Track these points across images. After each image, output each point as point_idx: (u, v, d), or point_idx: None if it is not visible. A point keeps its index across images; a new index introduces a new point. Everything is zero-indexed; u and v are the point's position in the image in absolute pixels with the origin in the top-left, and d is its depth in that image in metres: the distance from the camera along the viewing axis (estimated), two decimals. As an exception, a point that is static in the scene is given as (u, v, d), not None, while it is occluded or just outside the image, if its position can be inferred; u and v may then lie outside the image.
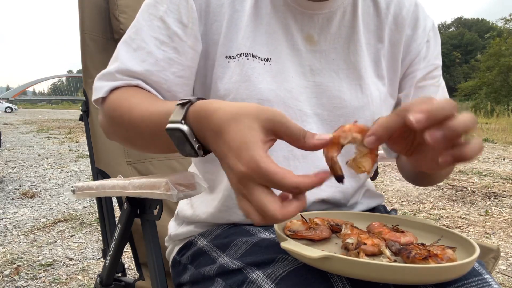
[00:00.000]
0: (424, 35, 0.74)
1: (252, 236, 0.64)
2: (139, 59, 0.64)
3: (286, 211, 0.39)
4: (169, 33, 0.65)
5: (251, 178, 0.39)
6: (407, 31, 0.73)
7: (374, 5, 0.73)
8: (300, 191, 0.40)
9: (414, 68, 0.74)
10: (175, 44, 0.65)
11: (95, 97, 0.65)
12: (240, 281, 0.55)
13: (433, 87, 0.75)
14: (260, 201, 0.39)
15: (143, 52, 0.64)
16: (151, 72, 0.63)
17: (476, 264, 0.54)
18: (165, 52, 0.64)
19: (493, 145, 7.48)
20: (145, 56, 0.64)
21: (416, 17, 0.74)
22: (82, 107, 1.11)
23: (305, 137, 0.42)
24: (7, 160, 5.57)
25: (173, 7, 0.65)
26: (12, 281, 1.93)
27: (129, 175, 1.10)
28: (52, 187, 3.95)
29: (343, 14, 0.70)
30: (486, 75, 27.70)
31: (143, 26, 0.65)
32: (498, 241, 2.49)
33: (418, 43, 0.74)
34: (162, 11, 0.65)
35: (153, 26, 0.65)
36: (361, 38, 0.71)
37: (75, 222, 2.83)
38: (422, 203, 3.36)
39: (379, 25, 0.73)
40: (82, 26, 1.08)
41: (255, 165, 0.38)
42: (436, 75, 0.76)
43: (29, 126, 13.21)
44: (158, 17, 0.65)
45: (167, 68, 0.64)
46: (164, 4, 0.66)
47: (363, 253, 0.49)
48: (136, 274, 1.11)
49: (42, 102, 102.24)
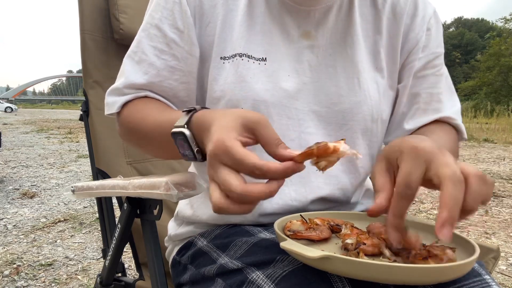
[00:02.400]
0: (423, 23, 0.72)
1: (252, 236, 0.64)
2: (142, 72, 0.67)
3: (248, 188, 0.40)
4: (166, 40, 0.66)
5: (217, 158, 0.42)
6: (405, 20, 0.72)
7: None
8: (262, 174, 0.41)
9: (412, 58, 0.72)
10: (174, 51, 0.66)
11: (109, 112, 0.70)
12: (240, 281, 0.55)
13: (433, 77, 0.73)
14: (223, 177, 0.41)
15: (144, 64, 0.67)
16: (154, 83, 0.67)
17: (476, 264, 0.53)
18: (165, 60, 0.66)
19: (493, 145, 7.48)
20: (147, 68, 0.66)
21: (415, 5, 0.72)
22: (82, 107, 1.11)
23: (278, 146, 0.43)
24: (7, 160, 5.57)
25: (167, 13, 0.66)
26: (12, 281, 1.93)
27: (129, 175, 1.10)
28: (52, 187, 3.95)
29: (339, 7, 0.69)
30: (486, 75, 27.70)
31: (142, 37, 0.67)
32: (498, 241, 2.49)
33: (417, 32, 0.72)
34: (157, 19, 0.66)
35: (150, 35, 0.67)
36: (358, 30, 0.70)
37: (75, 222, 2.83)
38: (422, 203, 3.36)
39: (377, 16, 0.71)
40: (82, 26, 1.08)
41: (221, 143, 0.41)
42: (438, 63, 0.74)
43: (29, 126, 13.21)
44: (154, 25, 0.66)
45: (169, 77, 0.67)
46: (159, 11, 0.66)
47: (363, 253, 0.49)
48: (136, 274, 1.11)
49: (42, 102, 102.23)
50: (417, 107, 0.73)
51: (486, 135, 8.65)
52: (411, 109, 0.74)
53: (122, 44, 1.10)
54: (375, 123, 0.70)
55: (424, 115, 0.73)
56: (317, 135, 0.67)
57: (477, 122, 10.66)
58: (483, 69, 29.15)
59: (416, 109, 0.73)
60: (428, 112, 0.73)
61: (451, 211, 0.40)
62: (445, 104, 0.74)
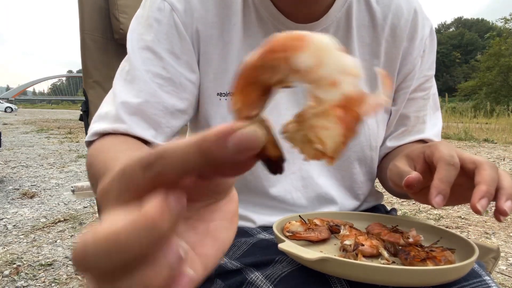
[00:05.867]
0: (420, 46, 0.70)
1: (251, 237, 0.64)
2: (134, 93, 0.59)
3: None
4: (163, 64, 0.60)
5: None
6: (404, 43, 0.69)
7: (369, 16, 0.68)
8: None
9: (408, 83, 0.71)
10: (171, 75, 0.60)
11: (88, 139, 0.61)
12: (239, 282, 0.55)
13: (422, 100, 0.73)
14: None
15: (138, 83, 0.59)
16: (149, 102, 0.58)
17: (476, 265, 0.53)
18: (160, 85, 0.59)
19: (493, 145, 7.48)
20: (141, 87, 0.59)
21: (415, 27, 0.69)
22: (82, 107, 1.11)
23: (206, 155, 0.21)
24: (7, 160, 5.57)
25: (161, 36, 0.61)
26: (12, 281, 1.93)
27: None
28: (52, 187, 3.95)
29: (336, 30, 0.66)
30: (486, 75, 27.70)
31: (134, 60, 0.61)
32: (498, 241, 2.49)
33: (414, 56, 0.70)
34: (150, 41, 0.60)
35: (143, 59, 0.60)
36: (355, 53, 0.68)
37: (75, 222, 2.83)
38: (422, 203, 3.36)
39: (375, 39, 0.68)
40: (82, 26, 1.08)
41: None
42: (427, 87, 0.74)
43: (29, 126, 13.21)
44: (146, 47, 0.60)
45: (166, 99, 0.60)
46: (151, 33, 0.61)
47: (361, 255, 0.49)
48: (135, 274, 1.12)
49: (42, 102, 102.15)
50: (405, 129, 0.74)
51: (486, 135, 8.65)
52: (398, 130, 0.75)
53: (122, 44, 1.10)
54: (374, 151, 0.71)
55: (409, 136, 0.74)
56: (316, 165, 0.68)
57: (477, 122, 10.65)
58: (483, 69, 29.14)
59: (403, 131, 0.74)
60: (412, 133, 0.74)
61: (490, 186, 0.43)
62: (428, 125, 0.75)
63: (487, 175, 0.44)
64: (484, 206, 0.42)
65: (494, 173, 0.44)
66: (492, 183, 0.44)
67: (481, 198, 0.42)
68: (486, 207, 0.43)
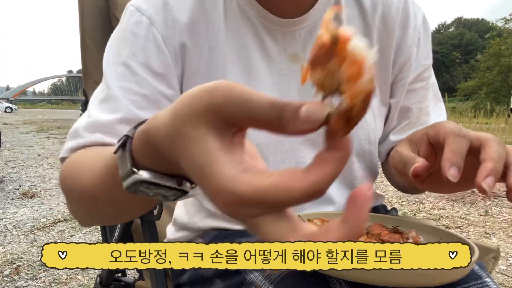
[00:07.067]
0: (415, 34, 0.69)
1: (250, 237, 0.64)
2: (111, 109, 0.55)
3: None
4: (136, 79, 0.56)
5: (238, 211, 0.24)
6: (397, 32, 0.68)
7: (358, 7, 0.66)
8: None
9: (405, 73, 0.70)
10: (145, 90, 0.56)
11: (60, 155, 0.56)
12: (239, 282, 0.55)
13: (423, 91, 0.72)
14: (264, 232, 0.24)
15: (111, 102, 0.55)
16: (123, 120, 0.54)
17: (476, 266, 0.53)
18: (134, 101, 0.55)
19: (493, 145, 7.48)
20: (115, 105, 0.55)
21: (406, 15, 0.68)
22: (82, 107, 1.11)
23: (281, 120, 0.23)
24: (7, 160, 5.57)
25: (136, 49, 0.57)
26: (12, 281, 1.93)
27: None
28: (52, 187, 3.95)
29: None
30: (486, 75, 27.73)
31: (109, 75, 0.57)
32: (498, 241, 2.49)
33: (409, 45, 0.68)
34: (125, 56, 0.57)
35: (117, 74, 0.57)
36: None
37: (75, 222, 2.83)
38: (422, 203, 3.36)
39: (366, 30, 0.66)
40: (82, 26, 1.08)
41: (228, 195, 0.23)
42: (426, 76, 0.72)
43: (29, 126, 13.21)
44: (121, 63, 0.57)
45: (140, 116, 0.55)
46: (127, 48, 0.58)
47: (362, 255, 0.49)
48: (136, 274, 1.12)
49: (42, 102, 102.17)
50: (408, 122, 0.72)
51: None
52: (401, 123, 0.73)
53: (121, 44, 1.10)
54: (373, 145, 0.70)
55: (413, 129, 0.72)
56: None
57: (477, 122, 10.63)
58: (483, 69, 29.18)
59: (406, 124, 0.72)
60: (416, 125, 0.72)
61: (496, 163, 0.40)
62: (432, 116, 0.73)
63: (493, 151, 0.41)
64: (490, 185, 0.38)
65: (502, 150, 0.41)
66: (500, 160, 0.40)
67: (486, 176, 0.39)
68: (493, 186, 0.39)
